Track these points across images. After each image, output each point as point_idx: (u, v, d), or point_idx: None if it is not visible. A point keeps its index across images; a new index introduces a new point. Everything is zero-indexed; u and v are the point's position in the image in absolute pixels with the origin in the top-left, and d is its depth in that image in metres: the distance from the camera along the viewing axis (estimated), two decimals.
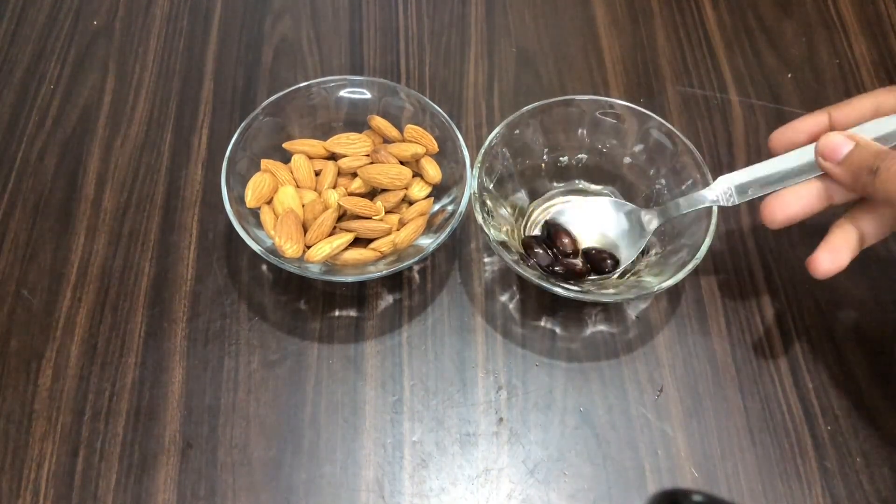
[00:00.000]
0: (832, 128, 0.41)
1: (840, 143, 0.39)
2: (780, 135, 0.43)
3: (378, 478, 0.42)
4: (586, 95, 0.49)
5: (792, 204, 0.40)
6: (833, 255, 0.40)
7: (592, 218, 0.48)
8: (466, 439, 0.43)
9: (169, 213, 0.51)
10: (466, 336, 0.47)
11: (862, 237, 0.41)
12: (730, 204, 0.43)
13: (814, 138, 0.41)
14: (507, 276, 0.49)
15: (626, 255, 0.47)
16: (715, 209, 0.43)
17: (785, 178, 0.41)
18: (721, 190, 0.43)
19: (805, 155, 0.41)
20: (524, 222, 0.49)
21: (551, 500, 0.42)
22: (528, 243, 0.47)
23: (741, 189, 0.43)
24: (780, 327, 0.47)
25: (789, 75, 0.58)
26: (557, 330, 0.47)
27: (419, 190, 0.48)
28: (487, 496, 0.42)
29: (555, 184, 0.50)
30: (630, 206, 0.47)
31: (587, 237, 0.48)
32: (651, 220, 0.46)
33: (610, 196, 0.49)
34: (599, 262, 0.46)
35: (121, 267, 0.48)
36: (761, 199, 0.42)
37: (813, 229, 0.51)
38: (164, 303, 0.47)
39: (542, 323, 0.47)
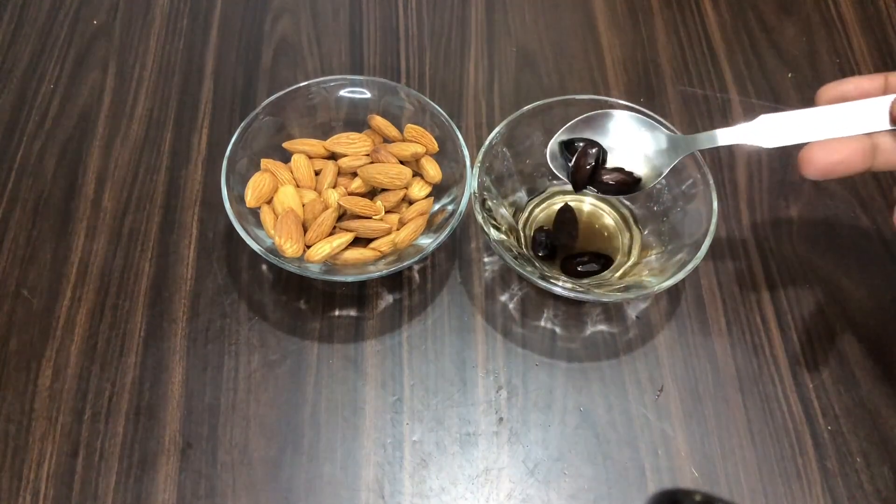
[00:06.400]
0: (887, 92, 0.38)
1: None
2: (833, 88, 0.39)
3: (378, 477, 0.42)
4: (586, 95, 0.49)
5: (837, 150, 0.36)
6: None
7: (616, 134, 0.45)
8: (466, 439, 0.43)
9: (169, 212, 0.51)
10: (466, 336, 0.47)
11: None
12: (766, 146, 0.39)
13: (866, 96, 0.38)
14: (507, 276, 0.49)
15: (648, 176, 0.45)
16: (715, 209, 0.43)
17: (832, 128, 0.37)
18: (761, 128, 0.39)
19: (859, 109, 0.37)
20: (524, 218, 0.49)
21: (551, 500, 0.42)
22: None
23: (783, 131, 0.39)
24: (780, 327, 0.47)
25: (789, 75, 0.58)
26: (557, 330, 0.47)
27: (419, 190, 0.48)
28: (487, 496, 0.42)
29: (555, 182, 0.50)
30: (658, 126, 0.45)
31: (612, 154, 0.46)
32: (678, 147, 0.43)
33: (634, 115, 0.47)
34: (623, 183, 0.45)
35: (121, 267, 0.48)
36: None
37: (814, 229, 0.51)
38: (164, 303, 0.47)
39: (542, 323, 0.47)
